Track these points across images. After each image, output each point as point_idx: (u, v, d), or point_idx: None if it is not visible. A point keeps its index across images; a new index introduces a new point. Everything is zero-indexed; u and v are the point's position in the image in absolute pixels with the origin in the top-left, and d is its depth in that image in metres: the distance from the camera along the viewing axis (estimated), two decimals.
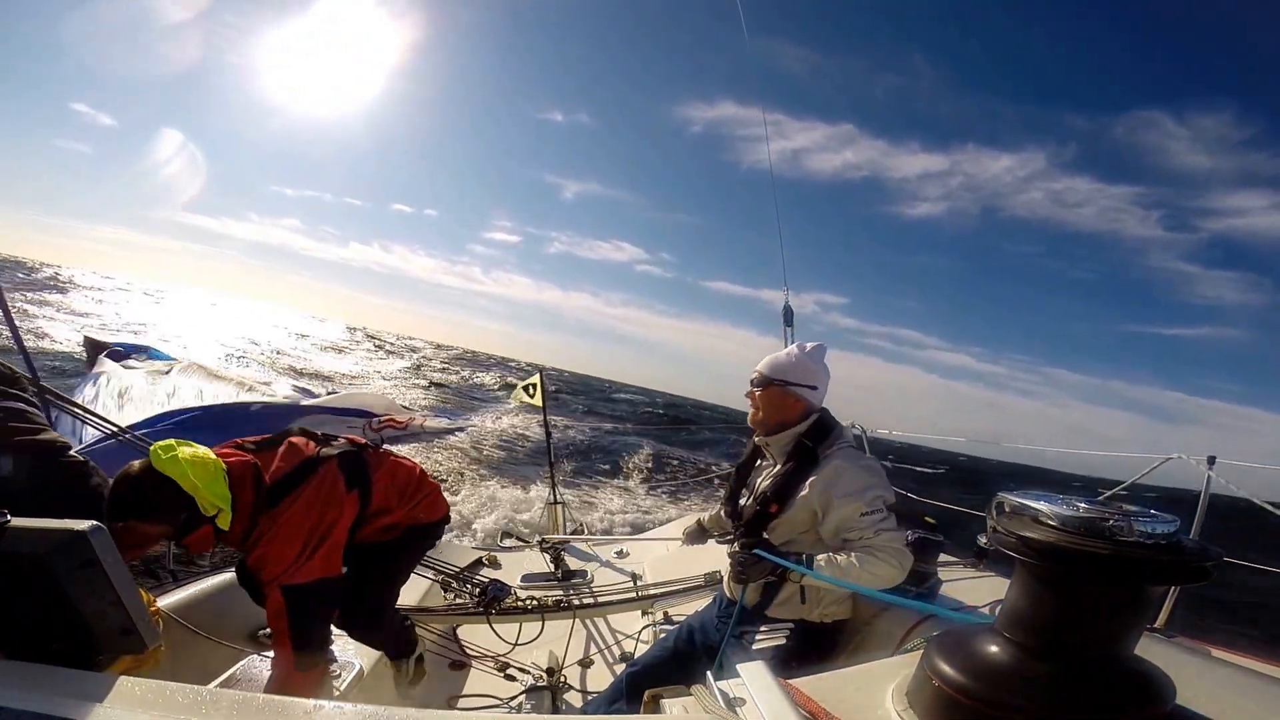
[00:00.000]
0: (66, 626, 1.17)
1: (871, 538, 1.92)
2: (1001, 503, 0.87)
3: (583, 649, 3.23)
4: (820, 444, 2.11)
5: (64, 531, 1.14)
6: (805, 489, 2.05)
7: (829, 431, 2.15)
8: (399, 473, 2.39)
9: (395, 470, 2.39)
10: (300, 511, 1.97)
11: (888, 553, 1.89)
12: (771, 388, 2.19)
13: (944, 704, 0.82)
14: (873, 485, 1.99)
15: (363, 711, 0.88)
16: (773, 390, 2.19)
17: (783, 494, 2.10)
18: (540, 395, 5.08)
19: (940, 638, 0.91)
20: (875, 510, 1.95)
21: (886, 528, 1.94)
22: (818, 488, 2.02)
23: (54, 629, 1.17)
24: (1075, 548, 0.74)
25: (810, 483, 2.04)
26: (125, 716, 0.86)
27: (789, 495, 2.08)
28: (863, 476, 2.00)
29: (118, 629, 1.22)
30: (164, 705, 0.89)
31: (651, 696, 0.99)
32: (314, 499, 2.02)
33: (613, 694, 2.36)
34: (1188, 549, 0.75)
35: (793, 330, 3.63)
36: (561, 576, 3.99)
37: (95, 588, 1.17)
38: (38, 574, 1.12)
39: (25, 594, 1.14)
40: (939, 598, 2.44)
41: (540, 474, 11.27)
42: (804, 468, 2.09)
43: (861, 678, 0.99)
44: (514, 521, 8.86)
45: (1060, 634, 0.78)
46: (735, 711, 0.87)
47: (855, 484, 1.98)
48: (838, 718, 0.86)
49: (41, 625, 1.16)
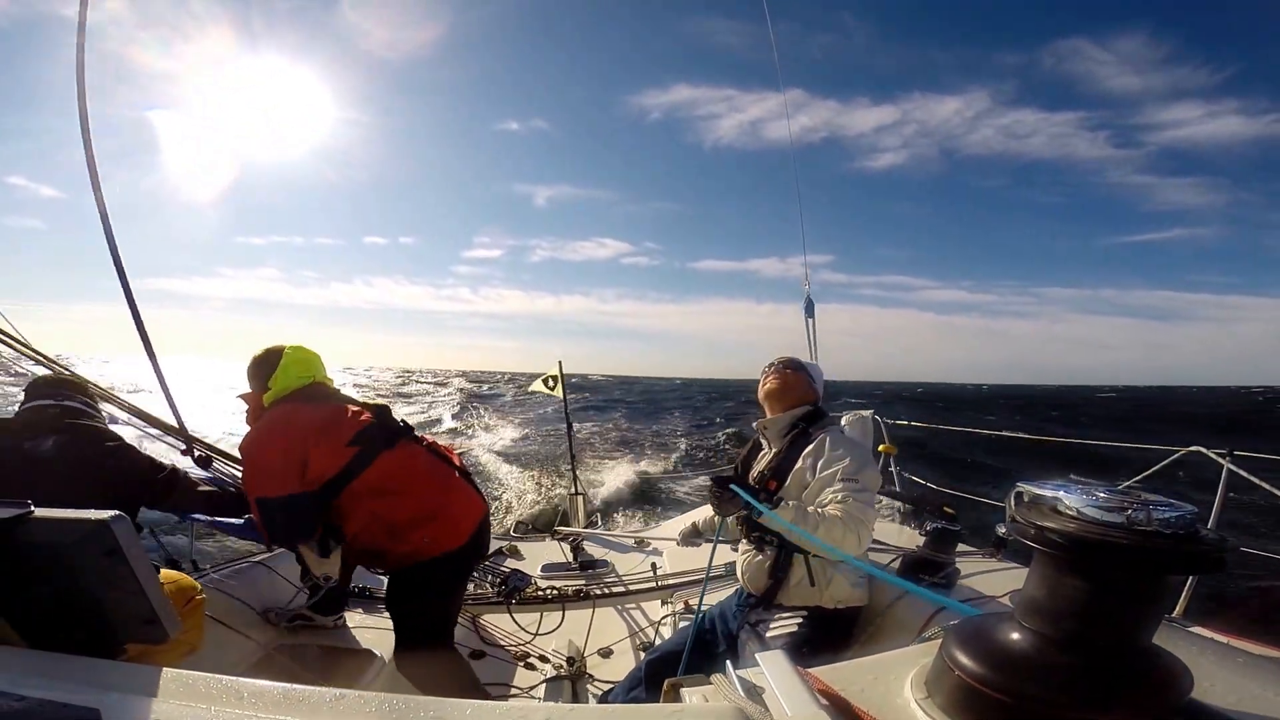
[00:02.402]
0: (89, 615, 1.19)
1: (839, 503, 2.06)
2: (1020, 492, 0.87)
3: (602, 638, 3.26)
4: (812, 425, 2.34)
5: (87, 521, 1.16)
6: (800, 462, 2.25)
7: (821, 417, 2.40)
8: (415, 465, 2.36)
9: (413, 461, 2.36)
10: (260, 433, 2.25)
11: (848, 519, 2.01)
12: (801, 373, 2.50)
13: (963, 693, 0.82)
14: (850, 458, 2.16)
15: (386, 700, 0.87)
16: (801, 375, 2.49)
17: (780, 471, 2.30)
18: (560, 387, 5.12)
19: (959, 627, 0.91)
20: (849, 480, 2.10)
21: (857, 498, 2.06)
22: (809, 460, 2.22)
23: (77, 618, 1.19)
24: (1095, 537, 0.74)
25: (804, 455, 2.25)
26: (148, 705, 0.86)
27: (786, 471, 2.28)
28: (842, 450, 2.20)
29: (140, 618, 1.24)
30: (186, 694, 0.89)
31: (671, 685, 0.98)
32: (272, 426, 2.25)
33: (632, 683, 2.39)
34: (1206, 539, 0.74)
35: (814, 321, 3.66)
36: (581, 567, 4.03)
37: (117, 577, 1.19)
38: (61, 563, 1.15)
39: (48, 583, 1.16)
40: (956, 587, 2.44)
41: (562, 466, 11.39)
42: (798, 444, 2.30)
43: (880, 666, 0.99)
44: (535, 512, 8.92)
45: (1079, 623, 0.78)
46: (755, 700, 0.88)
47: (834, 455, 2.18)
48: (857, 706, 0.87)
49: (64, 614, 1.18)
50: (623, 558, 4.28)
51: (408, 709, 0.85)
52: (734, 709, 0.84)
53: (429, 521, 2.29)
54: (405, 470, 2.33)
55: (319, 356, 2.46)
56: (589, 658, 3.03)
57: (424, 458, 2.42)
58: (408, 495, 2.30)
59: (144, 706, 0.86)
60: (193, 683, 0.91)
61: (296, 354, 2.37)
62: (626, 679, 2.47)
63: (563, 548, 4.26)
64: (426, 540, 2.28)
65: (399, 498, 2.28)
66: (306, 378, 2.35)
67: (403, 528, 2.27)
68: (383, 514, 2.27)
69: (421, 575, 2.33)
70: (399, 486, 2.29)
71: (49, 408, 2.22)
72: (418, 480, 2.34)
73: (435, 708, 0.85)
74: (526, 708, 0.91)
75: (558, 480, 11.29)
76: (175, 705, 0.86)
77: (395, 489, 2.28)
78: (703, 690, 0.95)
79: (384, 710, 0.85)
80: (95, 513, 1.17)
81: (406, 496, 2.30)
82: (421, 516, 2.29)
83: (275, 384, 2.30)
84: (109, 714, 0.81)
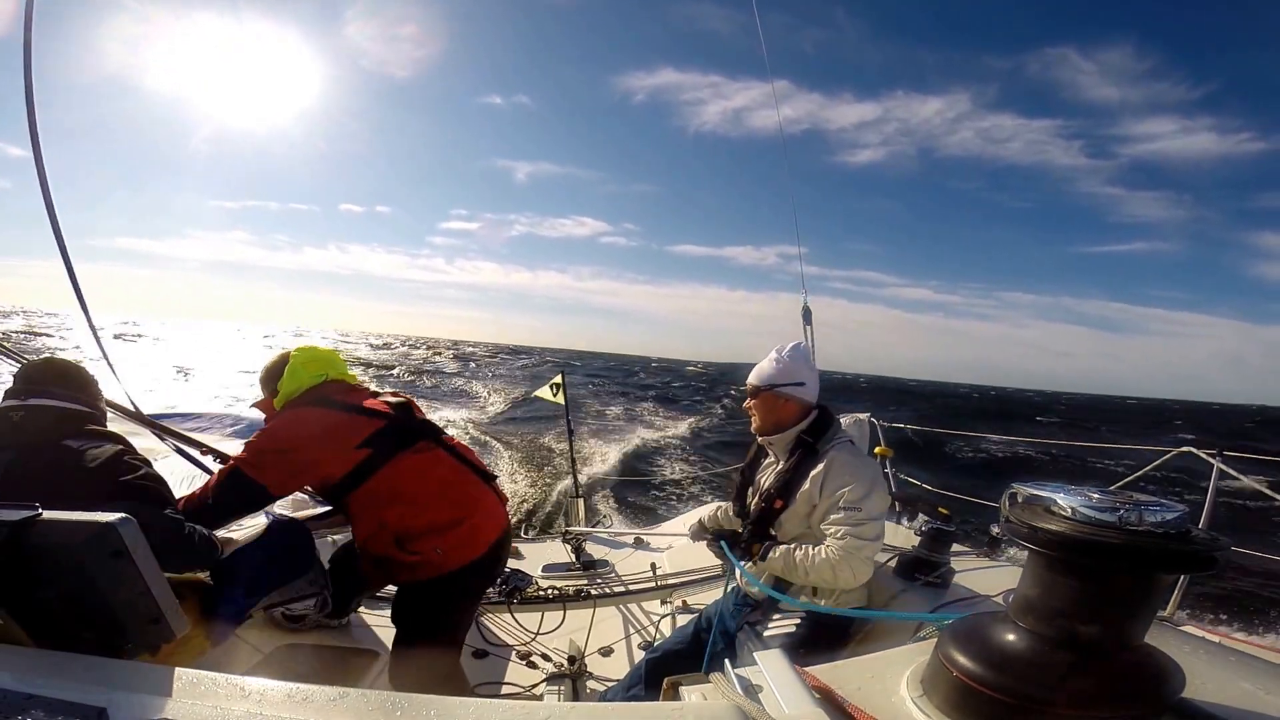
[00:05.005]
0: (96, 616, 1.20)
1: (838, 539, 2.01)
2: (1015, 493, 0.88)
3: (603, 637, 3.28)
4: (820, 439, 2.20)
5: (94, 523, 1.17)
6: (806, 483, 2.14)
7: (828, 427, 2.24)
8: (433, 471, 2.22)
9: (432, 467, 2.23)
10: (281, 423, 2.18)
11: (844, 556, 1.98)
12: (761, 395, 2.30)
13: (959, 691, 0.83)
14: (857, 483, 2.06)
15: (389, 699, 0.88)
16: (763, 397, 2.29)
17: (786, 489, 2.19)
18: (563, 394, 5.16)
19: (954, 626, 0.93)
20: (852, 508, 2.02)
21: (858, 532, 2.00)
22: (817, 481, 2.12)
23: (84, 618, 1.20)
24: (1088, 537, 0.75)
25: (812, 476, 2.14)
26: (154, 703, 0.87)
27: (792, 490, 2.17)
28: (850, 474, 2.08)
29: (146, 618, 1.25)
30: (192, 693, 0.90)
31: (670, 684, 1.00)
32: (278, 427, 2.18)
33: (631, 681, 2.41)
34: (1197, 538, 0.76)
35: (812, 329, 3.63)
36: (582, 566, 4.03)
37: (124, 578, 1.20)
38: (68, 565, 1.16)
39: (56, 584, 1.17)
40: (951, 587, 2.46)
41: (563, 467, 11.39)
42: (805, 462, 2.18)
43: (877, 665, 1.01)
44: (536, 513, 8.94)
45: (1072, 622, 0.79)
46: (753, 699, 0.89)
47: (840, 480, 2.08)
48: (854, 704, 0.88)
49: (71, 614, 1.19)
50: (623, 557, 4.30)
51: (410, 707, 0.86)
52: (732, 707, 0.86)
53: (444, 532, 2.16)
54: (421, 477, 2.19)
55: (333, 354, 2.39)
56: (590, 656, 3.04)
57: (446, 463, 2.28)
58: (421, 504, 2.16)
59: (150, 705, 0.87)
60: (198, 682, 0.92)
61: (302, 355, 2.32)
62: (626, 677, 2.48)
63: (565, 548, 4.28)
64: (438, 552, 2.15)
65: (411, 507, 2.15)
66: (319, 376, 2.27)
67: (413, 538, 2.14)
68: (391, 523, 2.14)
69: (431, 591, 2.21)
70: (412, 495, 2.16)
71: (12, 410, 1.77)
72: (434, 488, 2.20)
73: (438, 706, 0.86)
74: (528, 706, 0.92)
75: (557, 481, 11.31)
76: (181, 704, 0.87)
77: (408, 497, 2.15)
78: (701, 688, 0.96)
79: (387, 708, 0.86)
80: (102, 515, 1.19)
81: (420, 506, 2.16)
82: (436, 528, 2.16)
83: (283, 388, 2.25)
84: (115, 712, 0.82)
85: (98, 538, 1.17)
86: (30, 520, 1.14)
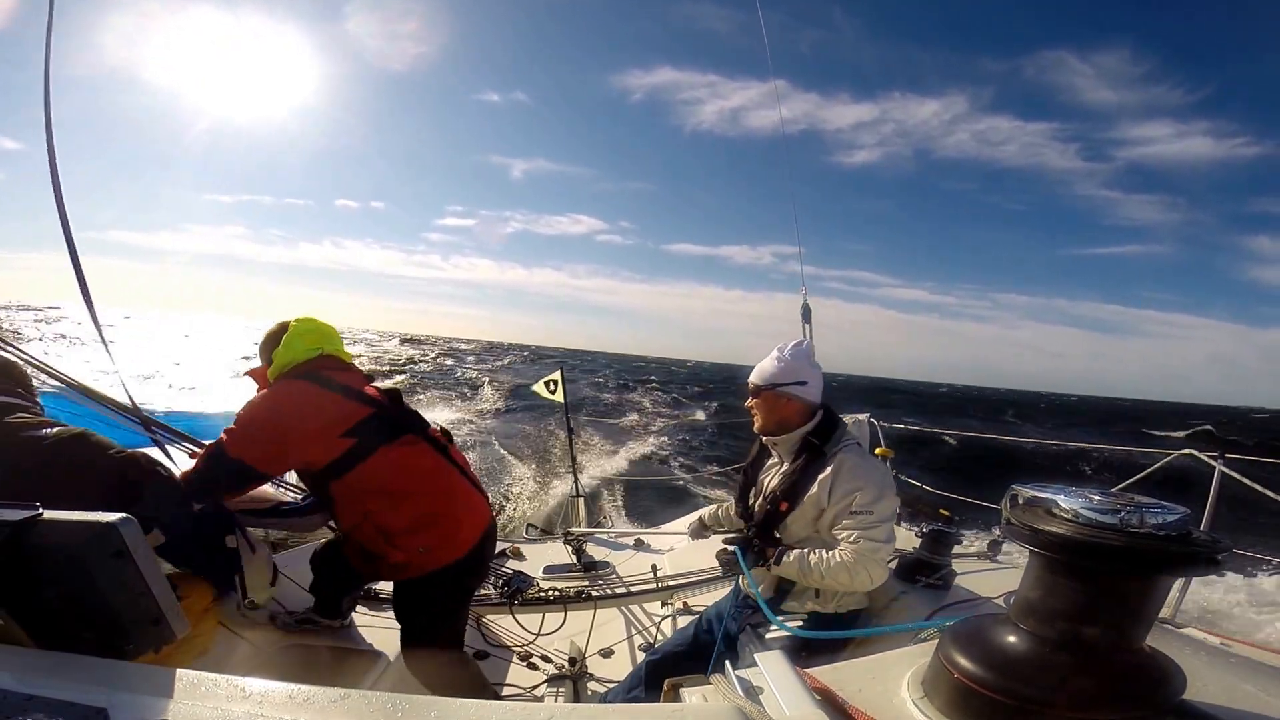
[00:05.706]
0: (97, 616, 1.19)
1: (851, 542, 1.98)
2: (1016, 495, 0.88)
3: (604, 639, 3.27)
4: (827, 441, 2.16)
5: (95, 524, 1.17)
6: (814, 487, 2.10)
7: (835, 429, 2.20)
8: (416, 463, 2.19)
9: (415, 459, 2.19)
10: (266, 397, 2.13)
11: (858, 560, 1.95)
12: (764, 394, 2.26)
13: (959, 693, 0.83)
14: (867, 486, 2.03)
15: (390, 700, 0.88)
16: (765, 396, 2.25)
17: (793, 492, 2.15)
18: (561, 391, 5.13)
19: (955, 627, 0.93)
20: (864, 512, 2.00)
21: (870, 535, 1.97)
22: (826, 485, 2.07)
23: (84, 619, 1.19)
24: (1089, 540, 0.75)
25: (820, 480, 2.09)
26: (155, 704, 0.86)
27: (799, 493, 2.13)
28: (860, 477, 2.05)
29: (147, 619, 1.24)
30: (193, 694, 0.89)
31: (671, 685, 1.00)
32: (266, 399, 2.13)
33: (632, 682, 2.40)
34: (1198, 540, 0.76)
35: (811, 327, 3.62)
36: (583, 568, 4.03)
37: (125, 578, 1.20)
38: (69, 565, 1.15)
39: (56, 584, 1.16)
40: (953, 588, 2.46)
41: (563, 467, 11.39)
42: (812, 465, 2.13)
43: (877, 667, 1.00)
44: (537, 515, 8.94)
45: (1074, 624, 0.79)
46: (754, 700, 0.89)
47: (851, 484, 2.04)
48: (854, 706, 0.88)
49: (72, 614, 1.18)
50: (624, 559, 4.29)
51: (411, 708, 0.86)
52: (733, 708, 0.86)
53: (426, 528, 2.14)
54: (404, 470, 2.15)
55: (331, 328, 2.32)
56: (590, 658, 3.04)
57: (429, 456, 2.24)
58: (404, 498, 2.13)
59: (151, 706, 0.86)
60: (199, 683, 0.92)
61: (302, 326, 2.25)
62: (627, 679, 2.48)
63: (566, 549, 4.28)
64: (422, 550, 2.13)
65: (394, 499, 2.12)
66: (314, 350, 2.21)
67: (397, 533, 2.12)
68: (375, 515, 2.11)
69: (421, 590, 2.22)
70: (395, 487, 2.12)
71: None
72: (416, 482, 2.17)
73: (439, 707, 0.86)
74: (529, 707, 0.92)
75: (557, 481, 11.31)
76: (182, 705, 0.86)
77: (391, 489, 2.12)
78: (702, 690, 0.96)
79: (388, 710, 0.86)
80: (103, 515, 1.19)
81: (402, 499, 2.13)
82: (419, 523, 2.13)
83: (278, 358, 2.19)
84: (116, 713, 0.82)
85: (99, 538, 1.17)
86: (31, 520, 1.14)
